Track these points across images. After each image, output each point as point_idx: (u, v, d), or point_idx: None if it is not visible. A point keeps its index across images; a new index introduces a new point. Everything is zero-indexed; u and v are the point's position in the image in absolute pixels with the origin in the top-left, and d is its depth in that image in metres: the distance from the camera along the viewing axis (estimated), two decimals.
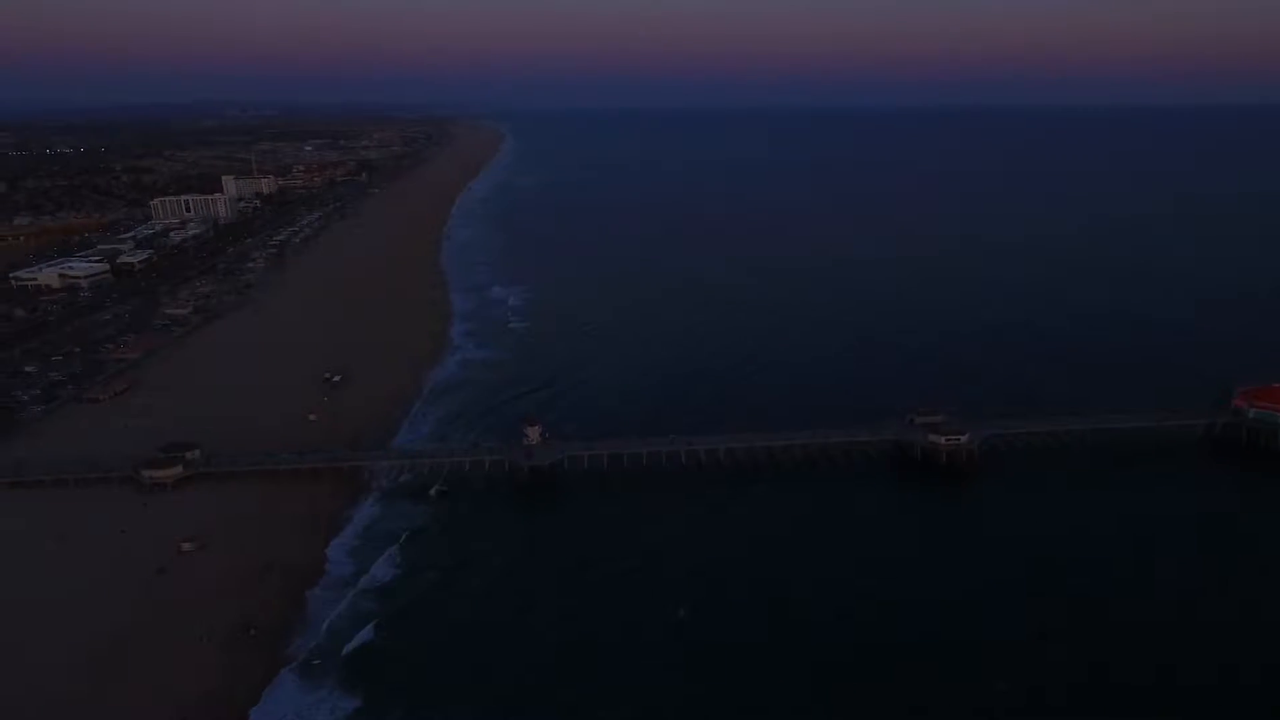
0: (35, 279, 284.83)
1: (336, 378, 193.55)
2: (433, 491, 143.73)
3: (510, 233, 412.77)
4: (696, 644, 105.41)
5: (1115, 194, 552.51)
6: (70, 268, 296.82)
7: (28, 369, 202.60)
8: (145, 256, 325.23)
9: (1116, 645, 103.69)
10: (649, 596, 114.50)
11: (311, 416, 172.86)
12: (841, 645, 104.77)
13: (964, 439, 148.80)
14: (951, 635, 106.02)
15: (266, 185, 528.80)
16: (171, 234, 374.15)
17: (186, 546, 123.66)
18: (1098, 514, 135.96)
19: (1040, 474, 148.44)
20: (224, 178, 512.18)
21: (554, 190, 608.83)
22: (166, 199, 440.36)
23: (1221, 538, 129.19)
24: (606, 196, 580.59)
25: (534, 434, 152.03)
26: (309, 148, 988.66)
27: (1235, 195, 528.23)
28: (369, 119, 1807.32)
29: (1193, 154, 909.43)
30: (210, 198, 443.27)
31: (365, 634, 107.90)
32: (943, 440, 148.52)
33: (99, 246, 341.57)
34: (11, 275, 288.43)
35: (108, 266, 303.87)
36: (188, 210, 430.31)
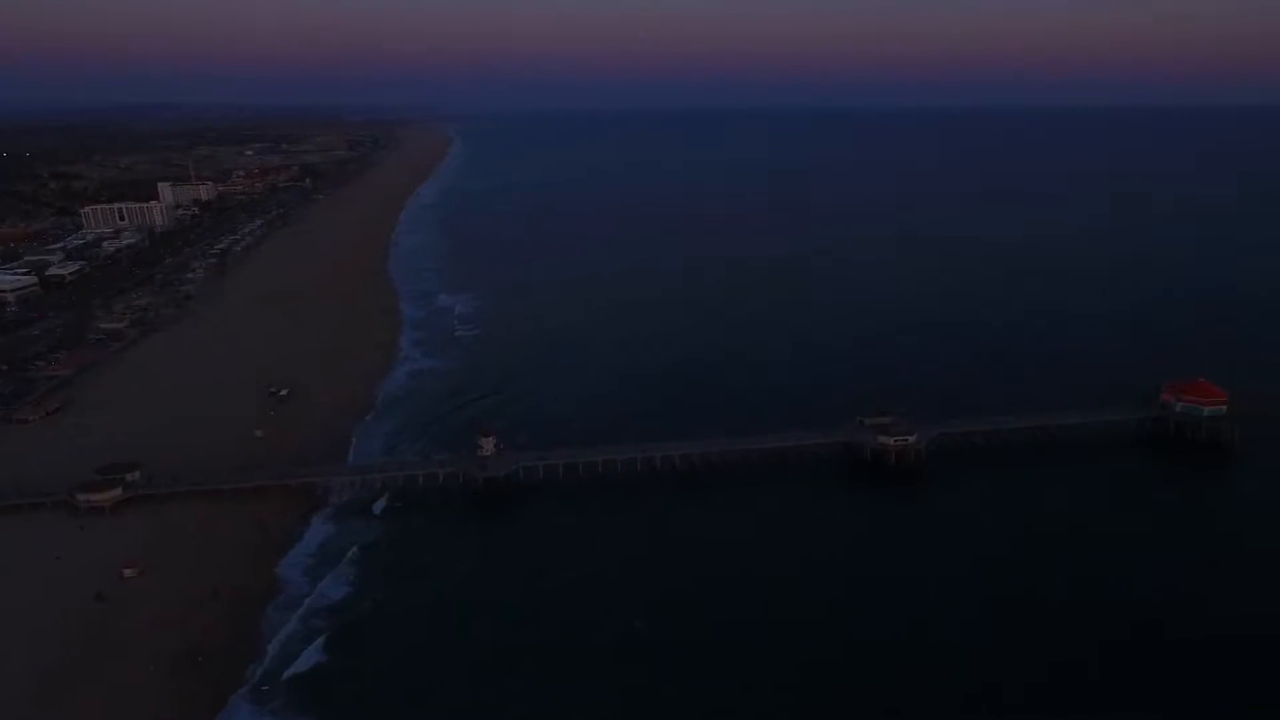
0: None
1: (283, 391, 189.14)
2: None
3: (459, 239, 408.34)
4: (652, 655, 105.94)
5: (1072, 195, 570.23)
6: None
7: None
8: (77, 268, 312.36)
9: (1065, 636, 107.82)
10: (605, 608, 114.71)
11: (258, 432, 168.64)
12: (800, 650, 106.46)
13: (912, 439, 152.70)
14: (907, 635, 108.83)
15: (205, 192, 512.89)
16: (105, 244, 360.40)
17: (128, 572, 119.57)
18: (1040, 509, 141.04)
19: (986, 472, 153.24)
20: (160, 184, 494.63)
21: (506, 196, 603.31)
22: (99, 207, 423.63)
23: (1154, 526, 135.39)
24: (566, 199, 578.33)
25: (488, 445, 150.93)
26: (250, 152, 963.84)
27: (1193, 195, 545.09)
28: (312, 122, 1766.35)
29: (1167, 155, 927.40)
30: (145, 205, 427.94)
31: (317, 655, 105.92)
32: (892, 441, 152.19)
33: (25, 258, 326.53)
34: None
35: (36, 279, 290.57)
36: (121, 218, 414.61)
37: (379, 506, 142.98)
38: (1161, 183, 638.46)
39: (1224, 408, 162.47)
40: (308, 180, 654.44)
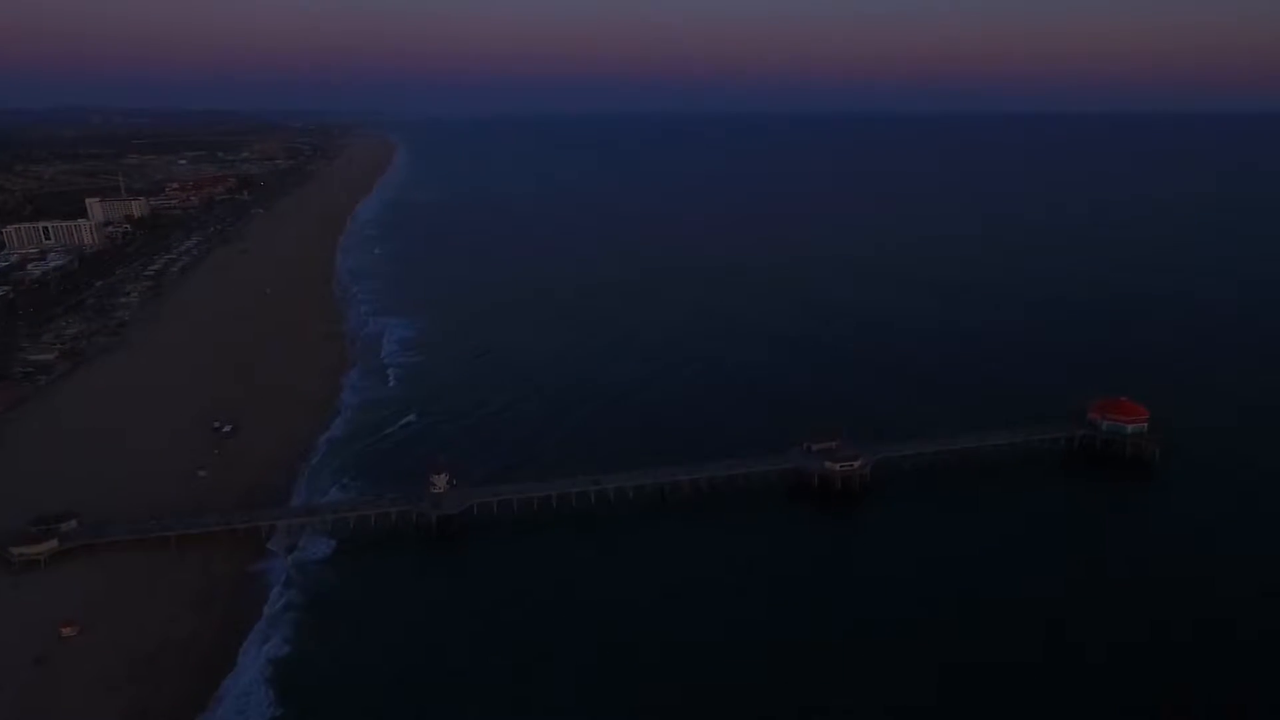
0: None
1: (227, 427, 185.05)
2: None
3: (404, 256, 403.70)
4: (608, 691, 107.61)
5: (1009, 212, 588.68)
6: None
7: None
8: (0, 294, 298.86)
9: (1006, 648, 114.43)
10: (562, 644, 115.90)
11: (201, 472, 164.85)
12: (755, 682, 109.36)
13: (857, 465, 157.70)
14: (850, 662, 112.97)
15: (138, 207, 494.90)
16: (29, 266, 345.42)
17: (67, 631, 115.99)
18: (979, 526, 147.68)
19: (927, 493, 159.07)
20: (88, 200, 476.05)
21: (451, 209, 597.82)
22: (22, 226, 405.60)
23: (1085, 538, 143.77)
24: (514, 211, 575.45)
25: (440, 482, 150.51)
26: (183, 161, 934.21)
27: (1128, 206, 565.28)
28: (249, 128, 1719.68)
29: (1112, 165, 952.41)
30: (73, 224, 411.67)
31: (273, 710, 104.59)
32: (837, 467, 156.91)
33: None
34: None
35: None
36: (47, 237, 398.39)
37: (329, 548, 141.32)
38: (1095, 192, 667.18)
39: (1145, 425, 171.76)
40: (246, 193, 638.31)
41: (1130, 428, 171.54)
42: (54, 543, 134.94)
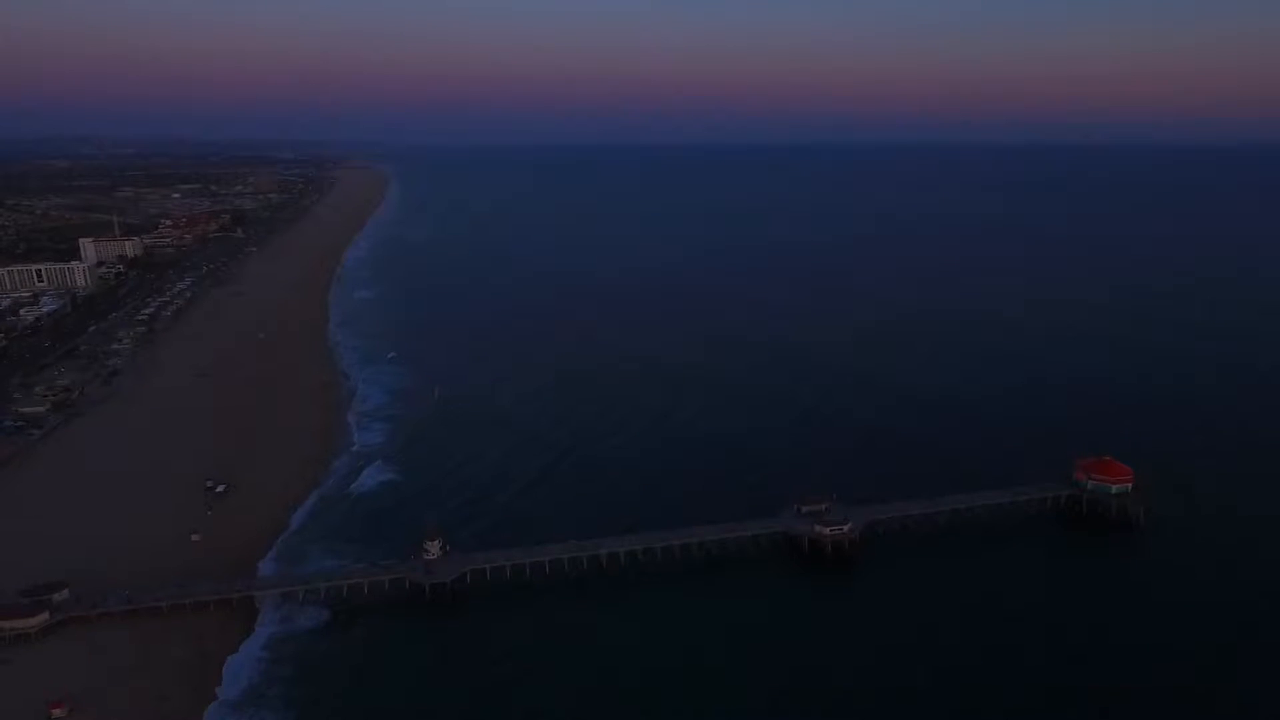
0: None
1: (220, 488, 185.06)
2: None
3: (398, 299, 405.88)
4: None
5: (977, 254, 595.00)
6: None
7: None
8: None
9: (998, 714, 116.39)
10: (555, 716, 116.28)
11: (195, 536, 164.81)
12: None
13: (846, 528, 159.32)
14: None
15: (131, 247, 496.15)
16: (22, 311, 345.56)
17: (58, 713, 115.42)
18: (969, 590, 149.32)
19: (917, 555, 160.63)
20: (82, 240, 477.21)
21: (446, 246, 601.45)
22: (15, 268, 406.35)
23: (1072, 601, 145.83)
24: (509, 250, 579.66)
25: (433, 548, 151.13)
26: (177, 195, 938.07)
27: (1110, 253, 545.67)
28: (241, 160, 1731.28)
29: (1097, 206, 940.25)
30: (66, 266, 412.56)
31: None
32: (827, 531, 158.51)
33: None
34: None
35: None
36: (40, 280, 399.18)
37: (322, 618, 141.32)
38: (1079, 242, 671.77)
39: (1129, 485, 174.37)
40: (239, 230, 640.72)
41: (1115, 488, 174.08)
42: (45, 615, 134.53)
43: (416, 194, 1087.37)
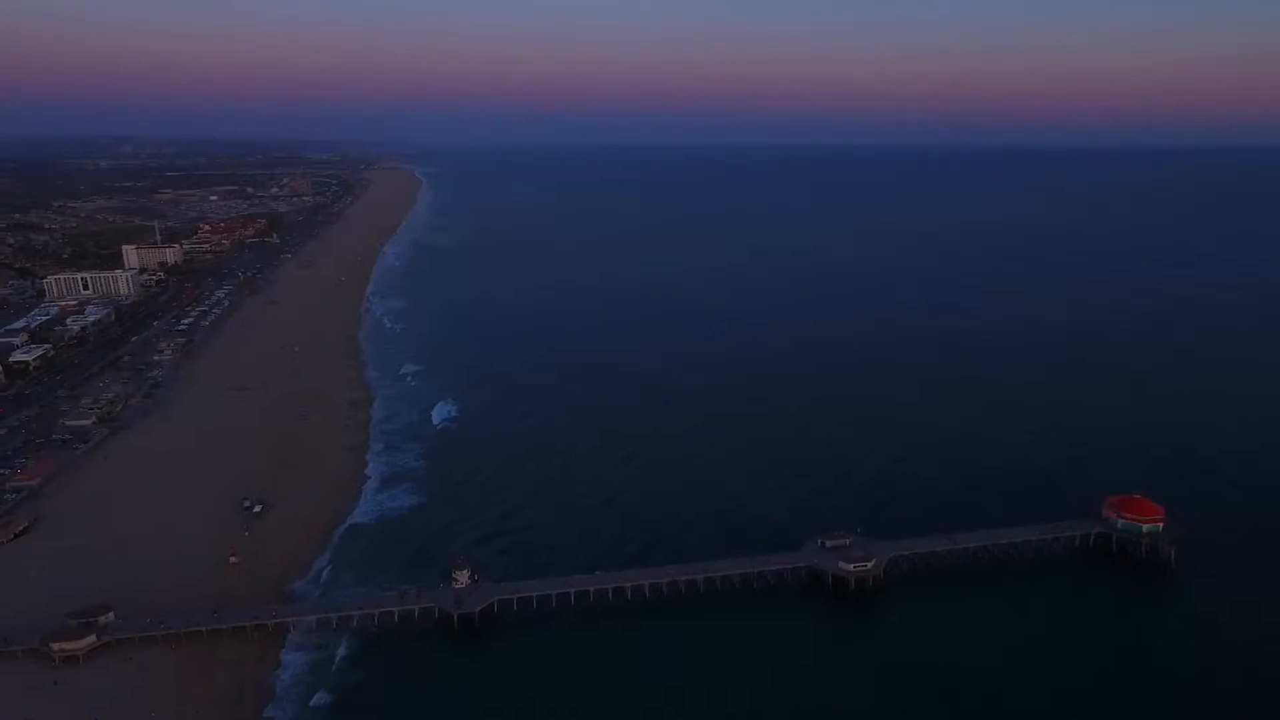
0: None
1: (256, 508, 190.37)
2: None
3: (432, 311, 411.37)
4: None
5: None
6: None
7: None
8: (41, 352, 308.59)
9: None
10: None
11: (233, 558, 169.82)
12: None
13: (870, 565, 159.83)
14: None
15: (171, 255, 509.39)
16: (69, 320, 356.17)
17: None
18: (995, 630, 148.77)
19: (942, 593, 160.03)
20: (125, 248, 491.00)
21: (478, 254, 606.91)
22: (62, 276, 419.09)
23: (1101, 643, 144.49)
24: (544, 257, 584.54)
25: (463, 578, 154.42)
26: (214, 197, 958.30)
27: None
28: (275, 159, 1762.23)
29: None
30: (110, 274, 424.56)
31: None
32: (852, 568, 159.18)
33: None
34: None
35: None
36: (85, 288, 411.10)
37: (354, 645, 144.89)
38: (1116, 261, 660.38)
39: (1160, 525, 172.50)
40: (274, 235, 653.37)
41: (1145, 527, 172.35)
42: (92, 638, 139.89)
43: (449, 199, 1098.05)
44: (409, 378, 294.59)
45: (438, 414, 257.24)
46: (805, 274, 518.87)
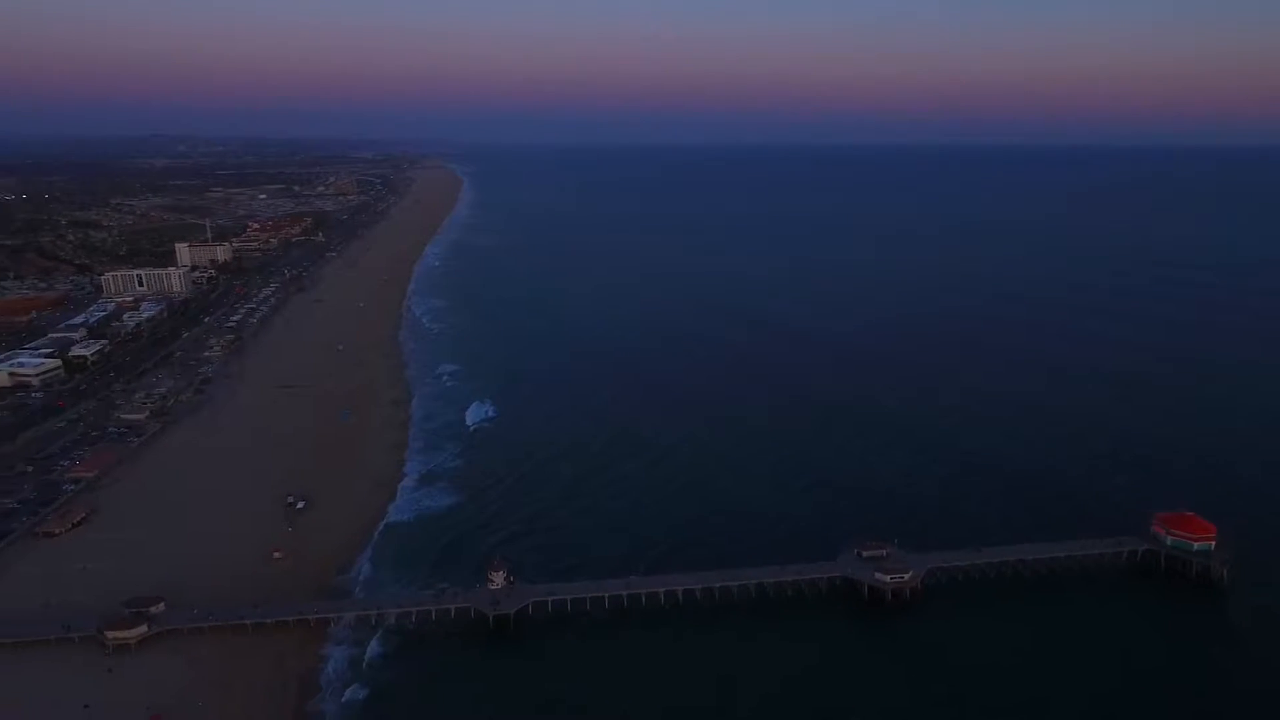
0: None
1: (300, 504, 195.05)
2: None
3: (474, 311, 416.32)
4: None
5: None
6: (20, 364, 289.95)
7: None
8: (99, 347, 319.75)
9: None
10: None
11: (277, 554, 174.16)
12: None
13: (907, 577, 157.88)
14: None
15: (221, 252, 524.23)
16: (125, 316, 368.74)
17: None
18: (1034, 646, 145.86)
19: (981, 608, 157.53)
20: (178, 245, 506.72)
21: (520, 254, 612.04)
22: (119, 273, 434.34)
23: (1149, 666, 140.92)
24: (586, 255, 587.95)
25: (498, 579, 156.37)
26: (263, 196, 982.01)
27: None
28: (321, 159, 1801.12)
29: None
30: (164, 272, 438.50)
31: None
32: (888, 579, 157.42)
33: (49, 334, 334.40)
34: None
35: (59, 362, 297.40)
36: (140, 284, 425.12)
37: (392, 643, 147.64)
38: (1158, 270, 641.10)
39: (1212, 543, 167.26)
40: (320, 234, 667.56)
41: (1196, 545, 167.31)
42: (144, 627, 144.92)
43: (489, 197, 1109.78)
44: (446, 377, 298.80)
45: (473, 414, 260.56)
46: (846, 280, 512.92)
